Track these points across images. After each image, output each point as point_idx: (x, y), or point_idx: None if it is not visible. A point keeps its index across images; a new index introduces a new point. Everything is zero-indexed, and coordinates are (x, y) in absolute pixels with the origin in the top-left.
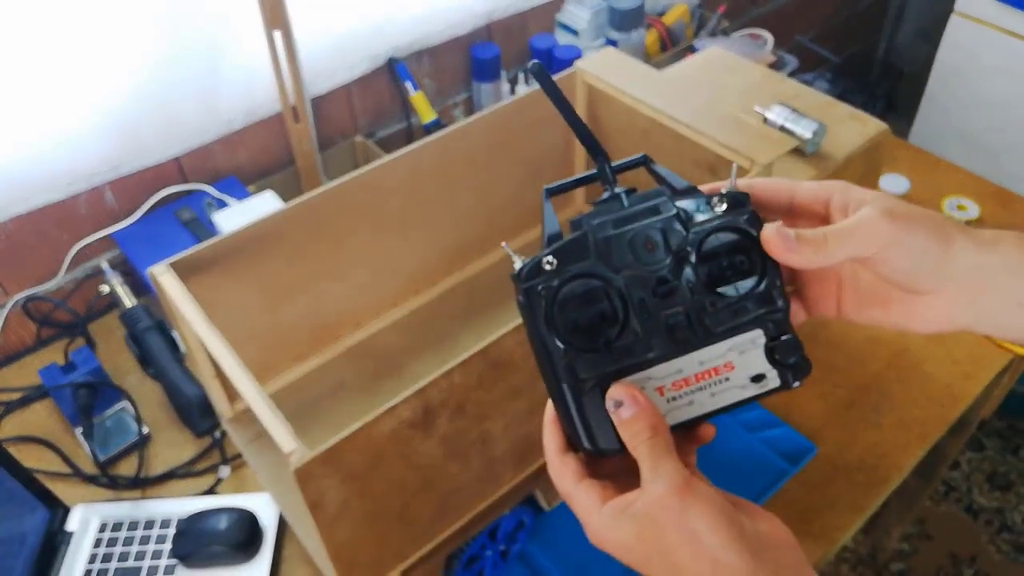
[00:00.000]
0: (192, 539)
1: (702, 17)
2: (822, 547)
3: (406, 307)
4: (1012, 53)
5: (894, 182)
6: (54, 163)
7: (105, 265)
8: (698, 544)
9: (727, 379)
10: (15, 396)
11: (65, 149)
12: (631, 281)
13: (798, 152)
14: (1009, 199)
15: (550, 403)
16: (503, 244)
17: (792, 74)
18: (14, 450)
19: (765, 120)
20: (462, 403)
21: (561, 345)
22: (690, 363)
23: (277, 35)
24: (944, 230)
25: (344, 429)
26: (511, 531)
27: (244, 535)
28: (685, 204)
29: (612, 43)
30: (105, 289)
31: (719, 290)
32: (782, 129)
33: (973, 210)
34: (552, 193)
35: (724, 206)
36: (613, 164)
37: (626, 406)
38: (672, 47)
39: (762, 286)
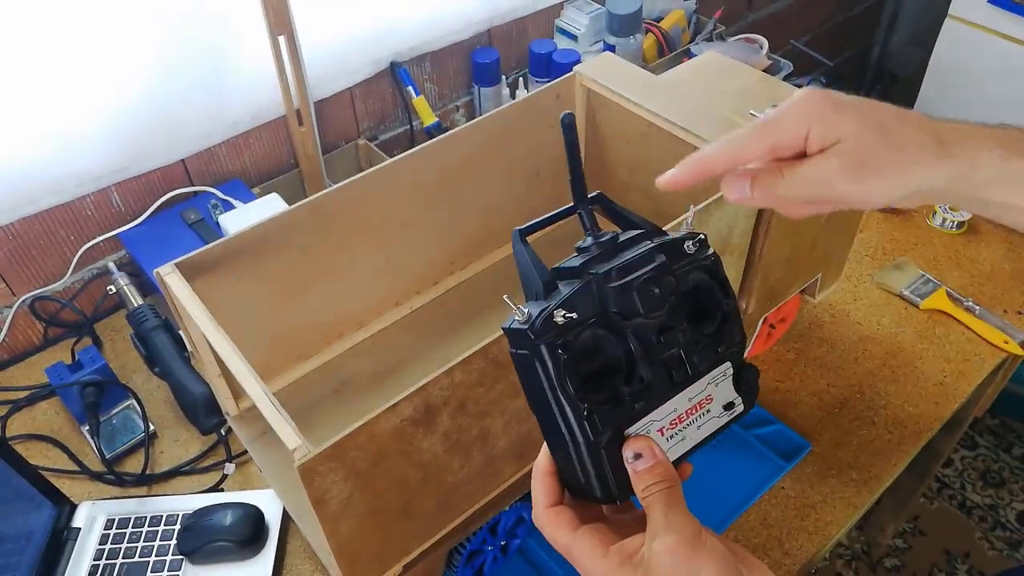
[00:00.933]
0: (197, 535)
1: (698, 22)
2: (816, 543)
3: (408, 307)
4: (1006, 55)
5: None
6: (62, 165)
7: (112, 265)
8: None
9: (708, 411)
10: (22, 395)
11: (72, 152)
12: (636, 330)
13: None
14: None
15: (542, 456)
16: (505, 297)
17: (787, 78)
18: (21, 448)
19: None
20: (463, 401)
21: (582, 402)
22: (682, 401)
23: (282, 40)
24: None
25: (347, 426)
26: (511, 527)
27: (249, 531)
28: (664, 248)
29: (610, 48)
30: (112, 289)
31: (699, 327)
32: None
33: (966, 211)
34: (526, 233)
35: (696, 248)
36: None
37: (644, 458)
38: (669, 52)
39: (729, 321)
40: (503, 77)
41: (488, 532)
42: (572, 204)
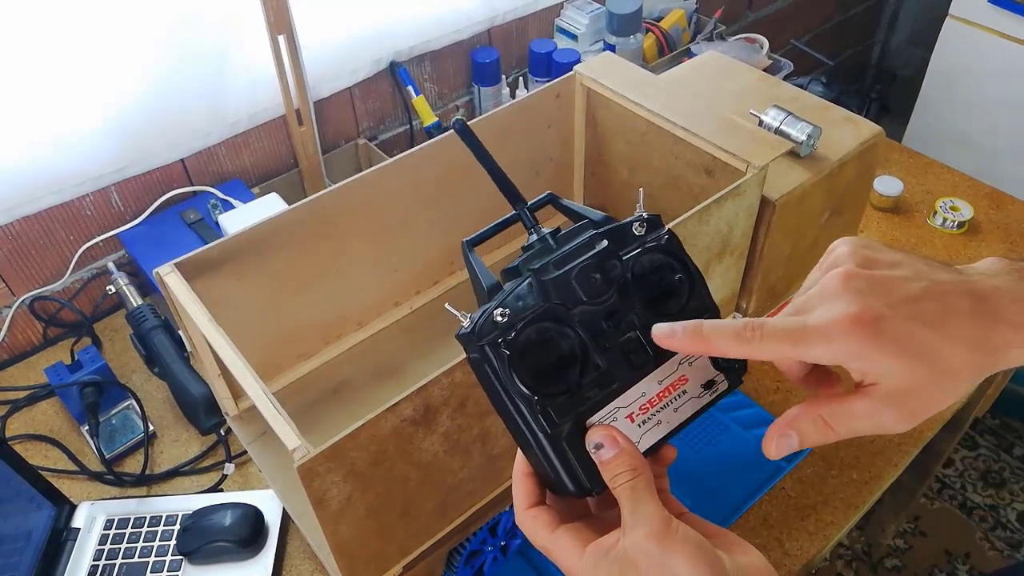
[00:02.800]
0: (197, 535)
1: (699, 22)
2: (817, 544)
3: (408, 307)
4: (1006, 55)
5: (888, 184)
6: (62, 165)
7: (111, 265)
8: None
9: (684, 391)
10: (22, 395)
11: (73, 151)
12: (583, 318)
13: (793, 154)
14: (1002, 200)
15: (519, 458)
16: (447, 305)
17: (787, 78)
18: (21, 448)
19: (761, 123)
20: (463, 401)
21: (532, 395)
22: (651, 384)
23: (281, 40)
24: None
25: (347, 426)
26: (511, 527)
27: (248, 531)
28: (609, 235)
29: (610, 47)
30: (111, 289)
31: (659, 309)
32: (777, 132)
33: (966, 211)
34: (473, 244)
35: (644, 229)
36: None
37: (606, 447)
38: (669, 51)
39: (693, 298)
40: (503, 77)
41: (488, 532)
42: (517, 211)
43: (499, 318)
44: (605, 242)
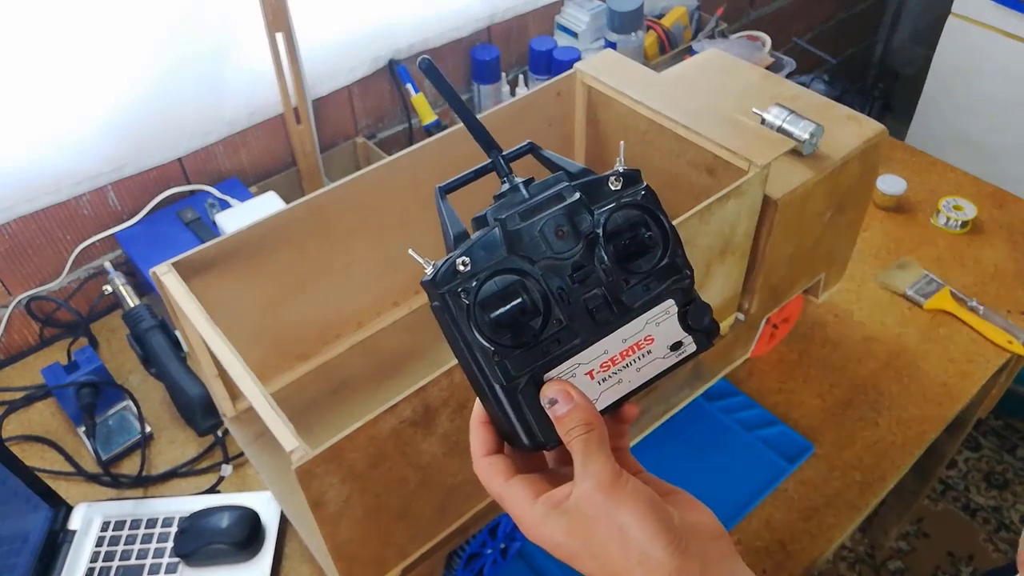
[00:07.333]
0: (194, 537)
1: (700, 19)
2: (820, 545)
3: (407, 307)
4: (1009, 54)
5: (891, 183)
6: (59, 164)
7: (108, 265)
8: (626, 539)
9: (649, 352)
10: (18, 395)
11: (70, 151)
12: (547, 271)
13: (796, 153)
14: (1005, 199)
15: (477, 406)
16: (410, 250)
17: (790, 76)
18: (17, 449)
19: (763, 121)
20: (462, 402)
21: (490, 346)
22: (614, 342)
23: (279, 37)
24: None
25: (346, 428)
26: (511, 529)
27: (246, 533)
28: (584, 187)
29: (611, 45)
30: (108, 289)
31: (630, 267)
32: (780, 130)
33: (970, 210)
34: (447, 191)
35: (620, 184)
36: (503, 154)
37: (560, 403)
38: (671, 49)
39: (667, 257)
40: (503, 75)
41: (488, 535)
42: (491, 159)
43: (461, 267)
44: (577, 194)
